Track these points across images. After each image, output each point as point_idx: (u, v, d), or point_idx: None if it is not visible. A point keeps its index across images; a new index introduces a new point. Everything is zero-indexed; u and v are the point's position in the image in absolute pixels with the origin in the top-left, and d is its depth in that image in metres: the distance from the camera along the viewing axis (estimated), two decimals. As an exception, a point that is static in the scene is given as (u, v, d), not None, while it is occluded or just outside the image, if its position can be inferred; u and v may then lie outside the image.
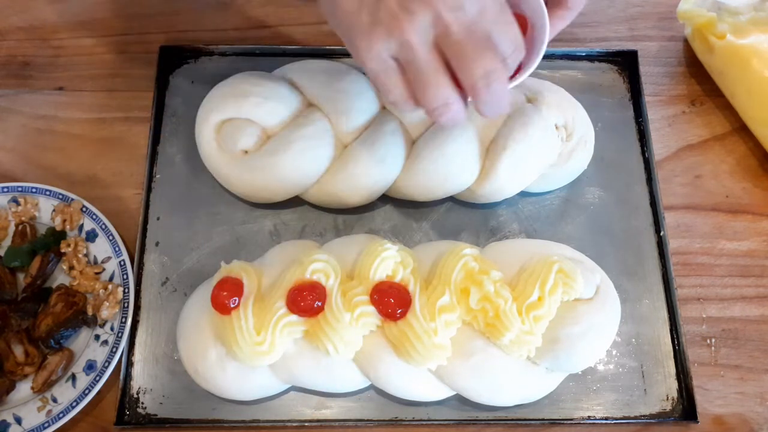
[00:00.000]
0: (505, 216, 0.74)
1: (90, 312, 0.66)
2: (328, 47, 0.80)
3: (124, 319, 0.66)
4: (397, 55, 0.47)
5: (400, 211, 0.74)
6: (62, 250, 0.68)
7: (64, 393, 0.64)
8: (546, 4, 0.59)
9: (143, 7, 0.83)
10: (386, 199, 0.74)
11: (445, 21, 0.44)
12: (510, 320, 0.60)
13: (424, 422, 0.66)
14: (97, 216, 0.70)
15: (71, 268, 0.68)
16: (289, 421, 0.66)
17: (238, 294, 0.62)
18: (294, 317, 0.61)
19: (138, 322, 0.69)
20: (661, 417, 0.67)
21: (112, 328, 0.66)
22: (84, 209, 0.71)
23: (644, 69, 0.80)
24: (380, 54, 0.46)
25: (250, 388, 0.64)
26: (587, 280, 0.65)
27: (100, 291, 0.67)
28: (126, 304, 0.67)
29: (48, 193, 0.71)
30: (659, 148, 0.78)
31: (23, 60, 0.80)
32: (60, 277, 0.70)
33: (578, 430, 0.67)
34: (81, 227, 0.71)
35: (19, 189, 0.71)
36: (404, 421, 0.66)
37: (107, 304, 0.66)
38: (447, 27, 0.45)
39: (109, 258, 0.69)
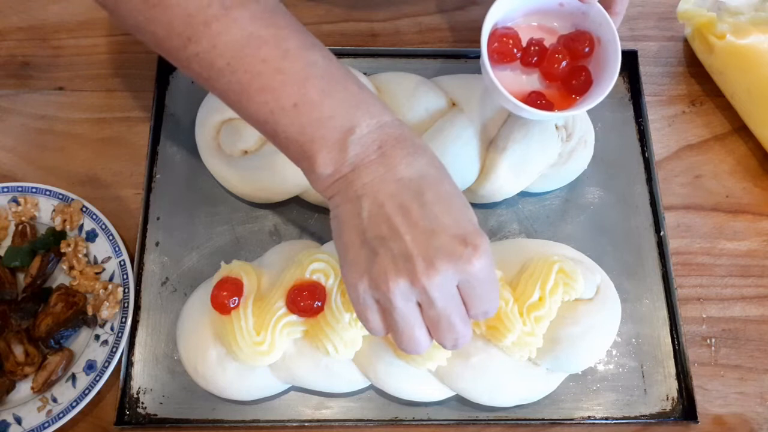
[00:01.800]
0: (505, 216, 0.74)
1: (90, 312, 0.66)
2: (327, 47, 0.80)
3: (124, 319, 0.66)
4: (378, 300, 0.49)
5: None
6: (62, 250, 0.68)
7: (64, 393, 0.64)
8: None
9: (143, 7, 0.83)
10: (386, 199, 0.74)
11: (430, 296, 0.47)
12: (512, 322, 0.60)
13: (424, 422, 0.66)
14: (97, 216, 0.70)
15: (71, 268, 0.68)
16: (289, 421, 0.66)
17: (238, 294, 0.62)
18: (294, 317, 0.61)
19: (138, 322, 0.69)
20: (661, 417, 0.67)
21: (112, 328, 0.66)
22: (84, 209, 0.71)
23: (644, 69, 0.80)
24: (363, 295, 0.49)
25: (250, 388, 0.64)
26: (587, 280, 0.65)
27: (100, 291, 0.67)
28: (126, 304, 0.67)
29: (48, 193, 0.71)
30: (659, 148, 0.78)
31: (23, 60, 0.80)
32: (60, 277, 0.70)
33: (578, 430, 0.67)
34: (81, 227, 0.71)
35: (19, 189, 0.71)
36: (404, 421, 0.66)
37: (107, 304, 0.66)
38: (430, 300, 0.47)
39: (109, 258, 0.69)
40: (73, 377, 0.65)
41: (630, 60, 0.81)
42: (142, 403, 0.66)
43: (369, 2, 0.83)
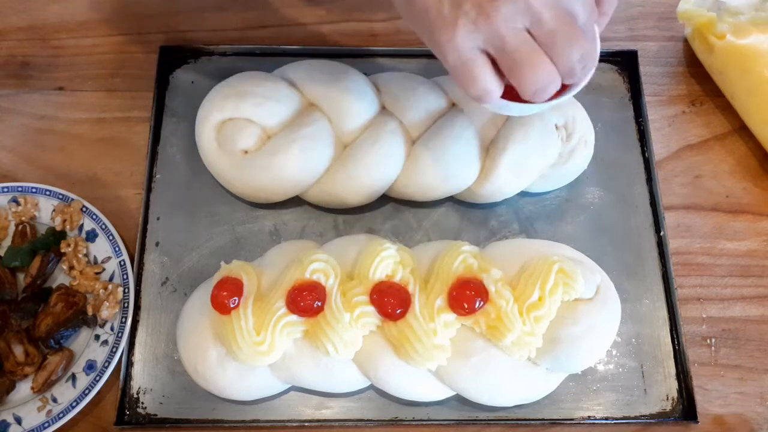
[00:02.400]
0: (505, 216, 0.74)
1: (90, 312, 0.66)
2: (328, 47, 0.81)
3: (124, 319, 0.66)
4: (485, 46, 0.46)
5: (400, 211, 0.74)
6: (62, 250, 0.68)
7: (64, 393, 0.64)
8: None
9: (143, 7, 0.83)
10: (386, 199, 0.74)
11: (535, 9, 0.43)
12: (512, 321, 0.60)
13: (424, 422, 0.66)
14: (97, 216, 0.70)
15: (71, 268, 0.68)
16: (289, 421, 0.66)
17: (238, 294, 0.62)
18: (294, 317, 0.61)
19: (138, 322, 0.69)
20: (661, 417, 0.67)
21: (112, 328, 0.66)
22: (84, 209, 0.71)
23: (644, 69, 0.80)
24: (464, 45, 0.45)
25: (250, 388, 0.64)
26: (587, 280, 0.65)
27: (100, 291, 0.67)
28: (126, 304, 0.67)
29: (48, 193, 0.71)
30: (659, 148, 0.78)
31: (23, 60, 0.80)
32: (60, 277, 0.70)
33: (578, 430, 0.67)
34: (81, 227, 0.71)
35: (19, 189, 0.71)
36: (404, 421, 0.66)
37: (107, 304, 0.66)
38: (538, 15, 0.44)
39: (109, 258, 0.69)
40: (73, 377, 0.65)
41: (630, 60, 0.81)
42: (142, 403, 0.66)
43: (369, 2, 0.84)
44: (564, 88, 0.60)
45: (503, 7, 0.44)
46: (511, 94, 0.57)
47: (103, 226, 0.70)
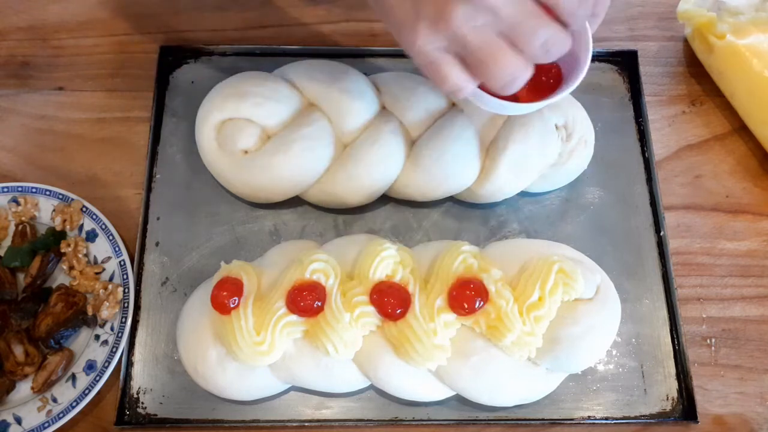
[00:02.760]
0: (505, 216, 0.74)
1: (90, 312, 0.66)
2: (328, 47, 0.81)
3: (124, 319, 0.66)
4: (447, 47, 0.46)
5: (400, 211, 0.74)
6: (62, 250, 0.68)
7: (64, 393, 0.64)
8: None
9: (143, 7, 0.83)
10: (386, 199, 0.74)
11: (491, 4, 0.43)
12: (512, 321, 0.60)
13: (424, 422, 0.66)
14: (97, 216, 0.70)
15: (71, 268, 0.68)
16: (289, 421, 0.66)
17: (238, 294, 0.62)
18: (294, 317, 0.61)
19: (138, 322, 0.69)
20: (661, 417, 0.67)
21: (112, 328, 0.66)
22: (84, 209, 0.71)
23: (644, 69, 0.80)
24: (428, 47, 0.45)
25: (250, 388, 0.64)
26: (587, 280, 0.65)
27: (100, 291, 0.67)
28: (126, 304, 0.67)
29: (48, 193, 0.71)
30: (659, 148, 0.78)
31: (23, 60, 0.80)
32: (60, 277, 0.70)
33: (578, 430, 0.67)
34: (81, 227, 0.71)
35: (19, 189, 0.71)
36: (404, 421, 0.66)
37: (107, 304, 0.66)
38: (495, 10, 0.44)
39: (109, 258, 0.69)
40: (73, 377, 0.65)
41: (630, 60, 0.81)
42: (142, 403, 0.66)
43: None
44: (559, 86, 0.60)
45: (460, 8, 0.43)
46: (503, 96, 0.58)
47: (103, 226, 0.70)
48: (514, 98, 0.60)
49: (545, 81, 0.62)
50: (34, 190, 0.72)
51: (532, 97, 0.61)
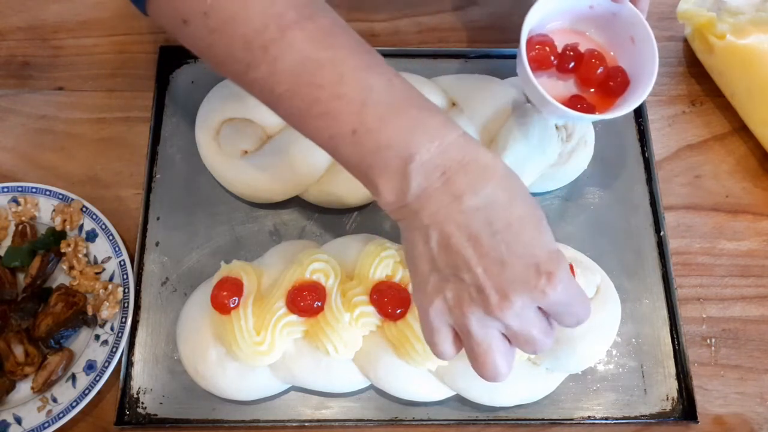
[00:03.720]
0: (505, 216, 0.74)
1: (90, 312, 0.66)
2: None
3: (124, 319, 0.66)
4: (452, 325, 0.48)
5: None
6: (62, 250, 0.68)
7: (64, 393, 0.64)
8: None
9: (143, 7, 0.83)
10: (386, 199, 0.74)
11: (506, 323, 0.46)
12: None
13: (424, 422, 0.66)
14: (97, 216, 0.70)
15: (71, 268, 0.68)
16: (289, 421, 0.66)
17: (238, 294, 0.62)
18: (294, 317, 0.61)
19: (138, 322, 0.69)
20: (661, 417, 0.67)
21: (112, 328, 0.66)
22: (84, 209, 0.71)
23: (644, 69, 0.80)
24: (435, 317, 0.48)
25: (250, 388, 0.64)
26: (587, 280, 0.65)
27: (100, 291, 0.67)
28: (126, 304, 0.67)
29: (48, 193, 0.71)
30: (659, 148, 0.78)
31: (23, 60, 0.80)
32: (60, 277, 0.70)
33: (578, 430, 0.67)
34: (81, 227, 0.71)
35: (19, 189, 0.71)
36: (404, 421, 0.66)
37: (107, 304, 0.66)
38: (507, 326, 0.47)
39: (109, 258, 0.69)
40: (73, 377, 0.65)
41: (630, 60, 0.81)
42: (142, 403, 0.66)
43: (369, 2, 0.83)
44: (626, 87, 0.65)
45: (476, 313, 0.46)
46: (578, 106, 0.63)
47: (103, 226, 0.70)
48: (588, 105, 0.64)
49: (613, 86, 0.65)
50: (34, 190, 0.71)
51: (602, 102, 0.65)
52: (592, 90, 0.66)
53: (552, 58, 0.65)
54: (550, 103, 0.60)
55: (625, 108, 0.63)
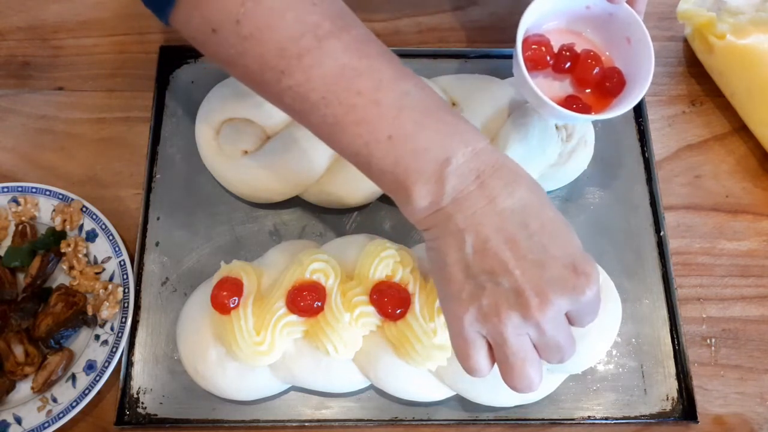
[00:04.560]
0: (505, 216, 0.74)
1: (90, 312, 0.66)
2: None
3: (124, 319, 0.66)
4: (486, 335, 0.48)
5: (400, 211, 0.74)
6: (62, 250, 0.68)
7: (64, 393, 0.64)
8: None
9: (143, 7, 0.83)
10: (386, 199, 0.74)
11: (543, 328, 0.46)
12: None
13: (424, 422, 0.66)
14: (97, 216, 0.70)
15: (71, 268, 0.68)
16: (289, 421, 0.66)
17: (238, 294, 0.62)
18: (294, 317, 0.61)
19: (138, 322, 0.69)
20: (661, 417, 0.67)
21: (112, 328, 0.66)
22: (84, 209, 0.71)
23: (644, 69, 0.80)
24: (468, 327, 0.48)
25: (250, 388, 0.64)
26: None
27: (100, 291, 0.67)
28: (126, 304, 0.67)
29: (48, 193, 0.71)
30: (659, 148, 0.78)
31: (23, 60, 0.80)
32: (60, 277, 0.70)
33: (578, 430, 0.67)
34: (81, 227, 0.71)
35: (19, 189, 0.71)
36: (404, 421, 0.66)
37: (107, 304, 0.66)
38: (542, 332, 0.46)
39: (109, 258, 0.69)
40: (73, 377, 0.65)
41: (630, 60, 0.81)
42: (142, 403, 0.66)
43: (369, 2, 0.83)
44: (622, 88, 0.65)
45: (514, 316, 0.46)
46: (574, 106, 0.63)
47: (103, 226, 0.70)
48: (584, 105, 0.64)
49: (609, 86, 0.65)
50: (34, 190, 0.71)
51: (598, 102, 0.65)
52: (588, 90, 0.66)
53: (548, 58, 0.65)
54: (545, 103, 0.60)
55: (621, 108, 0.63)
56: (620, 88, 0.65)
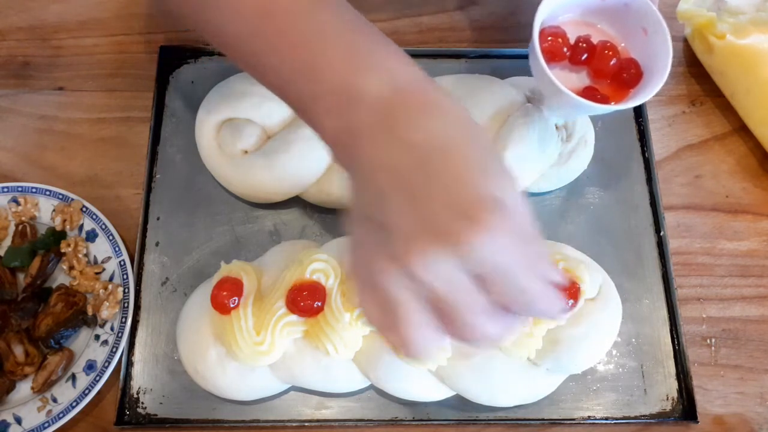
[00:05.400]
0: (505, 216, 0.74)
1: (90, 312, 0.66)
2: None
3: (124, 319, 0.66)
4: (374, 288, 0.41)
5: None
6: (62, 250, 0.68)
7: (64, 393, 0.64)
8: None
9: (143, 7, 0.83)
10: (386, 199, 0.74)
11: (427, 284, 0.38)
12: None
13: (424, 422, 0.66)
14: (97, 216, 0.70)
15: (71, 268, 0.68)
16: (289, 421, 0.66)
17: (238, 294, 0.62)
18: (294, 317, 0.61)
19: (138, 322, 0.69)
20: (661, 417, 0.67)
21: (112, 328, 0.66)
22: (84, 209, 0.71)
23: (644, 69, 0.80)
24: (359, 282, 0.42)
25: (250, 388, 0.64)
26: (591, 279, 0.65)
27: (100, 291, 0.67)
28: (126, 304, 0.67)
29: (48, 193, 0.71)
30: (659, 148, 0.78)
31: (23, 60, 0.80)
32: (60, 277, 0.70)
33: (578, 430, 0.67)
34: (81, 227, 0.71)
35: (19, 189, 0.71)
36: (404, 421, 0.66)
37: (107, 304, 0.66)
38: (432, 290, 0.38)
39: (109, 258, 0.69)
40: (73, 377, 0.65)
41: (630, 60, 0.81)
42: (142, 403, 0.66)
43: (369, 2, 0.83)
44: (640, 79, 0.64)
45: (385, 263, 0.39)
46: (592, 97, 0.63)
47: (103, 226, 0.70)
48: (603, 96, 0.64)
49: (626, 77, 0.65)
50: (34, 190, 0.71)
51: (616, 93, 0.65)
52: (606, 82, 0.66)
53: (565, 49, 0.65)
54: (565, 94, 0.60)
55: (640, 98, 0.62)
56: (638, 79, 0.65)
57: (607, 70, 0.65)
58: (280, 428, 0.66)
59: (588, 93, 0.64)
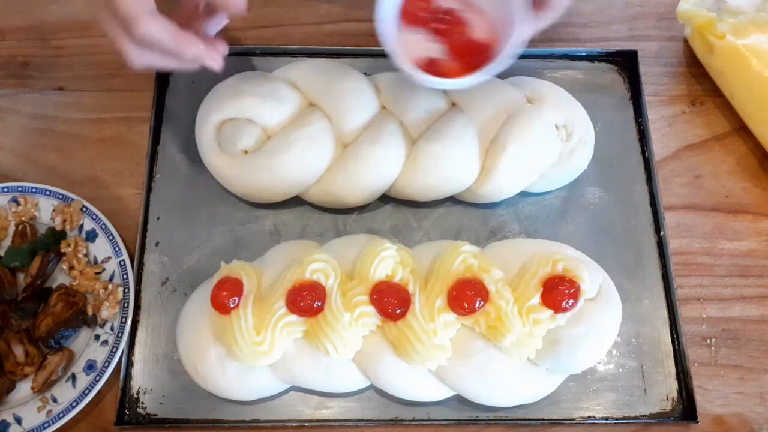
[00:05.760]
0: (505, 216, 0.74)
1: (90, 312, 0.66)
2: (328, 47, 0.80)
3: (124, 319, 0.66)
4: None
5: (400, 211, 0.74)
6: (62, 250, 0.68)
7: (64, 393, 0.64)
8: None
9: (143, 7, 0.83)
10: (386, 199, 0.74)
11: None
12: (511, 322, 0.60)
13: (424, 422, 0.66)
14: (97, 216, 0.70)
15: (71, 268, 0.68)
16: (289, 421, 0.66)
17: (238, 294, 0.62)
18: (294, 317, 0.61)
19: (138, 322, 0.69)
20: (661, 417, 0.67)
21: (112, 328, 0.66)
22: (84, 209, 0.71)
23: (644, 69, 0.80)
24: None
25: (250, 388, 0.64)
26: (591, 279, 0.65)
27: (100, 291, 0.67)
28: (126, 304, 0.67)
29: (48, 193, 0.71)
30: (659, 148, 0.78)
31: (23, 60, 0.80)
32: (60, 277, 0.70)
33: (578, 430, 0.67)
34: (81, 227, 0.71)
35: (19, 189, 0.71)
36: (404, 421, 0.66)
37: (107, 304, 0.66)
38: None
39: (109, 258, 0.69)
40: (73, 377, 0.65)
41: (630, 60, 0.81)
42: (142, 403, 0.66)
43: (369, 2, 0.83)
44: (481, 65, 0.61)
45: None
46: (433, 70, 0.60)
47: (103, 226, 0.70)
48: (440, 72, 0.61)
49: (478, 61, 0.62)
50: (34, 190, 0.72)
51: (462, 74, 0.62)
52: (459, 61, 0.63)
53: (425, 15, 0.63)
54: (391, 52, 0.59)
55: (471, 79, 0.60)
56: (485, 63, 0.61)
57: (461, 47, 0.63)
58: (280, 428, 0.66)
59: (429, 65, 0.62)
